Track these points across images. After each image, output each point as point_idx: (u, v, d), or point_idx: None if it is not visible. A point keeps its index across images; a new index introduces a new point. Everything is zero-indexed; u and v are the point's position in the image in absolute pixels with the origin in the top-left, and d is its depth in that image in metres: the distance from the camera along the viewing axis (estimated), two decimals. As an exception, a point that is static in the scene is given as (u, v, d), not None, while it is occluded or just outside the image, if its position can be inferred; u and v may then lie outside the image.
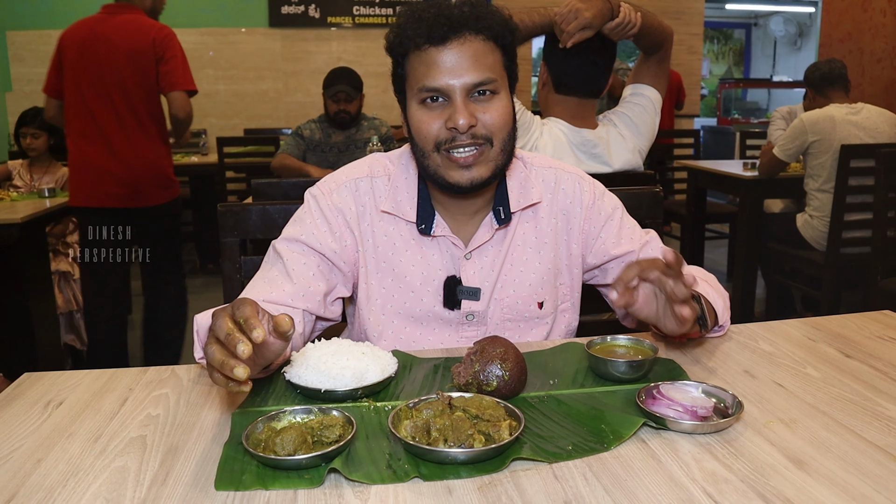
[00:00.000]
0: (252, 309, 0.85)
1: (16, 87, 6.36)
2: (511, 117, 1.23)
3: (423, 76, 1.18)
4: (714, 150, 8.54)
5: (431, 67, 1.17)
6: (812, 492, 0.78)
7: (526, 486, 0.80)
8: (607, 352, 1.12)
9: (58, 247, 3.51)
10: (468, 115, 1.16)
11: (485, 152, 1.19)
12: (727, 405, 0.96)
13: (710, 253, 5.74)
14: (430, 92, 1.18)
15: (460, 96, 1.17)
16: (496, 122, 1.19)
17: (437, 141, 1.19)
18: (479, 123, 1.18)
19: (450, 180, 1.21)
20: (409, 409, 0.92)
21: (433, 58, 1.17)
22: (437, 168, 1.21)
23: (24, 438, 0.93)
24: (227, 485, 0.80)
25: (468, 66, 1.16)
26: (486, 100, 1.19)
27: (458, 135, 1.17)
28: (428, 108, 1.20)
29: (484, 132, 1.18)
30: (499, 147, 1.21)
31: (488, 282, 1.30)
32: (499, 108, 1.19)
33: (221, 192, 5.02)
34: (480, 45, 1.18)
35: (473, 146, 1.18)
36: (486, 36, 1.18)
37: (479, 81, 1.17)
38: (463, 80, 1.16)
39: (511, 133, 1.23)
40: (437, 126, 1.19)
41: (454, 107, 1.17)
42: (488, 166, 1.20)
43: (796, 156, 3.56)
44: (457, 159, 1.18)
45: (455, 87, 1.16)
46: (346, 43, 6.79)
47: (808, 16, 11.32)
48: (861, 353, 1.19)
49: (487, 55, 1.18)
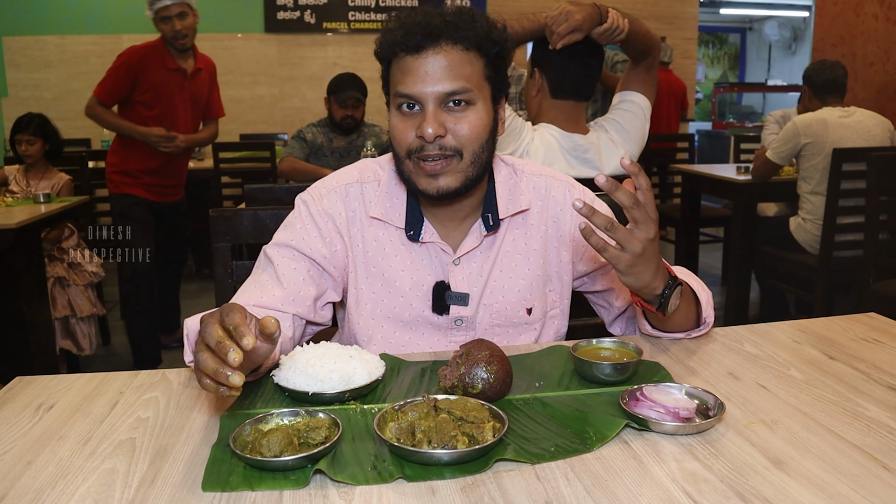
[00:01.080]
0: (241, 315, 0.86)
1: (12, 93, 6.37)
2: (487, 129, 1.22)
3: (398, 82, 1.19)
4: (709, 153, 8.57)
5: (407, 74, 1.18)
6: (790, 491, 0.79)
7: (508, 487, 0.81)
8: (592, 355, 1.14)
9: (53, 252, 3.52)
10: (437, 125, 1.16)
11: (452, 163, 1.19)
12: (710, 407, 0.97)
13: (705, 256, 5.76)
14: (403, 98, 1.19)
15: (432, 105, 1.17)
16: (467, 134, 1.19)
17: (408, 148, 1.20)
18: (450, 134, 1.18)
19: (419, 187, 1.22)
20: (394, 412, 0.94)
21: (409, 65, 1.18)
22: (409, 174, 1.23)
23: (15, 441, 0.94)
24: (215, 486, 0.82)
25: (442, 75, 1.16)
26: (460, 110, 1.18)
27: (426, 144, 1.17)
28: (403, 115, 1.21)
29: (453, 143, 1.18)
30: (469, 159, 1.20)
31: (477, 287, 1.32)
32: (472, 119, 1.19)
33: (217, 198, 5.03)
34: (458, 55, 1.17)
35: (440, 157, 1.18)
36: (464, 46, 1.18)
37: (452, 91, 1.17)
38: (435, 88, 1.16)
39: (485, 145, 1.22)
40: (409, 134, 1.19)
41: (424, 115, 1.17)
42: (456, 177, 1.20)
43: (789, 158, 3.57)
44: (424, 167, 1.19)
45: (427, 95, 1.17)
46: (342, 48, 6.81)
47: (802, 20, 11.37)
48: (845, 354, 1.21)
49: (465, 65, 1.18)
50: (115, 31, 6.37)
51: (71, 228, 3.66)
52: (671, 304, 1.16)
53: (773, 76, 11.70)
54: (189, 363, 1.11)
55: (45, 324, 3.26)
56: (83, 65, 6.35)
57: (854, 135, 3.43)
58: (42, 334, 3.20)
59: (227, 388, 0.83)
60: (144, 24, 6.37)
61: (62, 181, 3.75)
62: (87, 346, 3.57)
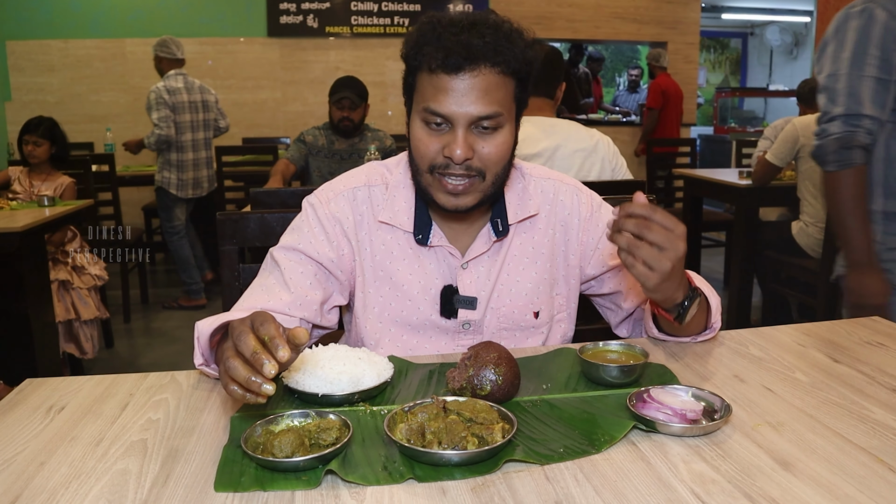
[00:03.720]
0: (276, 327, 0.85)
1: (15, 97, 6.39)
2: (510, 151, 1.22)
3: (430, 97, 1.17)
4: (710, 158, 8.57)
5: (440, 92, 1.15)
6: (797, 492, 0.80)
7: (518, 487, 0.82)
8: (599, 357, 1.14)
9: (57, 255, 3.53)
10: (466, 147, 1.16)
11: (475, 184, 1.20)
12: (716, 409, 0.98)
13: (707, 261, 5.76)
14: (433, 115, 1.17)
15: (462, 127, 1.16)
16: (492, 156, 1.19)
17: (432, 163, 1.20)
18: (476, 156, 1.18)
19: (437, 201, 1.22)
20: (404, 413, 0.94)
21: (443, 83, 1.15)
22: (427, 187, 1.23)
23: (27, 442, 0.95)
24: (227, 486, 0.82)
25: (476, 98, 1.15)
26: (488, 134, 1.18)
27: (453, 164, 1.17)
28: (429, 129, 1.19)
29: (478, 165, 1.18)
30: (490, 181, 1.21)
31: (484, 291, 1.32)
32: (499, 142, 1.19)
33: (220, 201, 5.04)
34: (494, 79, 1.15)
35: (465, 177, 1.19)
36: (501, 70, 1.16)
37: (485, 115, 1.15)
38: (468, 110, 1.15)
39: (506, 166, 1.23)
40: (434, 149, 1.19)
41: (454, 136, 1.16)
42: (476, 196, 1.21)
43: (788, 160, 3.59)
44: (446, 185, 1.19)
45: (459, 116, 1.15)
46: (345, 52, 6.83)
47: (803, 25, 11.39)
48: (849, 358, 1.21)
49: (500, 89, 1.16)
50: (118, 35, 6.39)
51: (74, 231, 3.67)
52: (689, 314, 1.17)
53: (775, 81, 11.72)
54: (199, 366, 1.11)
55: (50, 327, 3.27)
56: (86, 69, 6.37)
57: None
58: (46, 337, 3.21)
59: (255, 396, 0.84)
60: (147, 28, 6.44)
61: (65, 184, 3.76)
62: (90, 350, 3.57)
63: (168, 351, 4.04)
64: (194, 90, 4.67)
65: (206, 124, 4.78)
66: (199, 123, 4.72)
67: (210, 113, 4.79)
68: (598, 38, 7.56)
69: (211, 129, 4.84)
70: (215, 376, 1.12)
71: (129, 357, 3.98)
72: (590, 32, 7.41)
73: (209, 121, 4.80)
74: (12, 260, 2.96)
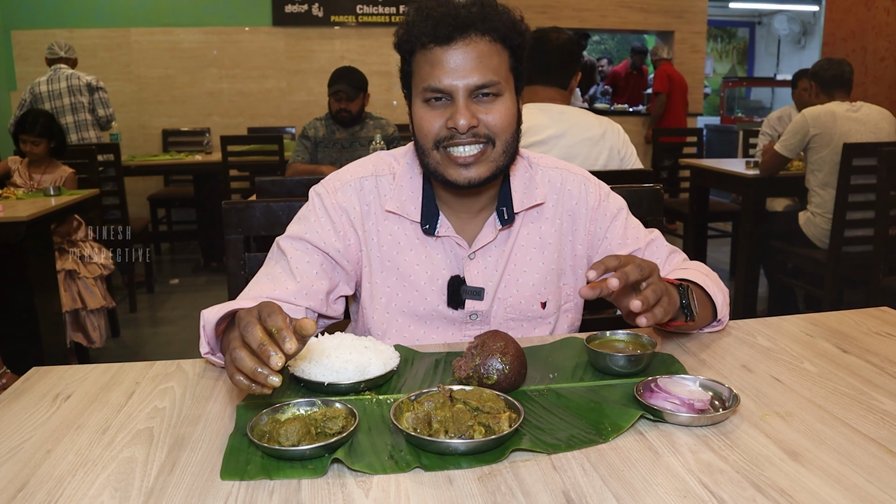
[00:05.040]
0: (283, 318, 0.85)
1: (20, 86, 6.37)
2: (514, 119, 1.23)
3: (427, 75, 1.18)
4: (718, 148, 8.54)
5: (436, 67, 1.17)
6: (806, 482, 0.79)
7: (525, 477, 0.81)
8: (606, 346, 1.14)
9: (63, 245, 3.53)
10: (469, 115, 1.17)
11: (486, 151, 1.20)
12: (724, 398, 0.97)
13: (713, 251, 5.74)
14: (433, 92, 1.18)
15: (463, 97, 1.17)
16: (498, 123, 1.19)
17: (436, 138, 1.20)
18: (481, 124, 1.18)
19: (448, 178, 1.22)
20: (410, 402, 0.94)
21: (438, 57, 1.17)
22: (436, 165, 1.22)
23: (34, 430, 0.95)
24: (233, 474, 0.82)
25: (472, 67, 1.16)
26: (489, 101, 1.19)
27: (458, 134, 1.18)
28: (430, 107, 1.20)
29: (486, 132, 1.19)
30: (501, 148, 1.21)
31: (492, 282, 1.32)
32: (501, 109, 1.19)
33: (225, 191, 5.04)
34: (486, 47, 1.17)
35: (475, 144, 1.19)
36: (492, 37, 1.18)
37: (483, 83, 1.17)
38: (466, 81, 1.16)
39: (514, 135, 1.23)
40: (438, 124, 1.19)
41: (456, 107, 1.17)
42: (488, 166, 1.21)
43: (797, 150, 3.57)
44: (456, 158, 1.19)
45: (458, 88, 1.17)
46: (350, 42, 6.80)
47: (811, 14, 11.32)
48: (858, 348, 1.21)
49: (493, 56, 1.18)
50: (123, 24, 6.38)
51: (79, 220, 3.67)
52: (693, 307, 1.16)
53: (782, 71, 11.65)
54: (205, 354, 1.11)
55: (56, 317, 3.28)
56: (91, 58, 6.35)
57: (862, 128, 3.42)
58: (53, 327, 3.21)
59: (260, 387, 0.84)
60: (152, 17, 6.42)
61: (65, 174, 3.75)
62: (98, 339, 3.58)
63: (174, 339, 4.05)
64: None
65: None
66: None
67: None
68: (604, 27, 7.53)
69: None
70: (221, 365, 1.12)
71: (135, 346, 4.00)
72: (597, 21, 7.36)
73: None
74: (18, 250, 2.97)
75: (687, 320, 1.16)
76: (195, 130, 6.58)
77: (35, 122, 3.64)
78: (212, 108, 6.68)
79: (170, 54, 6.52)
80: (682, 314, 1.15)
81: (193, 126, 6.63)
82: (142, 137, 6.50)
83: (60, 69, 4.98)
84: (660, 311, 1.03)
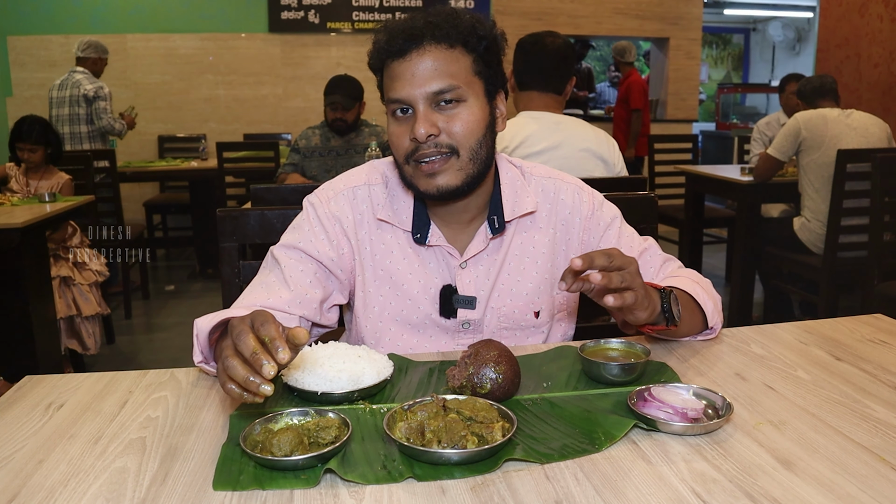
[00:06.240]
0: (276, 328, 0.84)
1: (16, 92, 6.38)
2: (482, 124, 1.21)
3: (389, 89, 1.21)
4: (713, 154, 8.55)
5: (395, 80, 1.19)
6: (799, 491, 0.79)
7: (518, 486, 0.81)
8: (600, 355, 1.14)
9: (58, 252, 3.52)
10: (428, 124, 1.17)
11: (449, 161, 1.20)
12: (717, 407, 0.97)
13: (709, 258, 5.75)
14: (396, 104, 1.20)
15: (422, 106, 1.18)
16: (461, 131, 1.19)
17: (406, 152, 1.21)
18: (443, 133, 1.18)
19: (420, 189, 1.22)
20: (403, 412, 0.94)
21: (396, 70, 1.19)
22: (410, 177, 1.23)
23: (26, 440, 0.95)
24: (225, 485, 0.82)
25: (428, 75, 1.17)
26: (451, 108, 1.19)
27: (420, 144, 1.18)
28: (398, 121, 1.22)
29: (448, 141, 1.19)
30: (466, 156, 1.20)
31: (484, 291, 1.32)
32: (465, 116, 1.19)
33: (221, 197, 5.03)
34: (442, 53, 1.18)
35: (437, 154, 1.19)
36: (448, 43, 1.18)
37: (440, 89, 1.17)
38: (423, 89, 1.17)
39: (482, 140, 1.22)
40: (405, 139, 1.20)
41: (415, 117, 1.18)
42: (456, 175, 1.20)
43: (790, 153, 3.59)
44: (423, 168, 1.20)
45: (416, 97, 1.18)
46: (346, 48, 6.81)
47: (806, 21, 11.36)
48: (851, 356, 1.21)
49: (450, 63, 1.18)
50: (119, 30, 6.38)
51: (74, 227, 3.67)
52: (675, 311, 1.16)
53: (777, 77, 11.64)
54: (198, 363, 1.11)
55: (51, 323, 3.27)
56: (87, 64, 6.36)
57: (852, 133, 3.46)
58: (47, 334, 3.20)
59: (252, 396, 0.83)
60: (148, 23, 6.43)
61: (62, 181, 3.75)
62: (93, 346, 3.57)
63: (170, 346, 4.04)
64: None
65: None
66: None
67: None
68: (600, 33, 7.54)
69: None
70: (215, 374, 1.12)
71: (130, 353, 3.98)
72: (592, 28, 7.38)
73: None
74: (13, 256, 2.96)
75: (668, 325, 1.16)
76: (191, 137, 6.57)
77: (31, 129, 3.63)
78: (208, 114, 6.68)
79: (166, 60, 6.52)
80: (664, 318, 1.15)
81: (189, 132, 6.62)
82: (137, 144, 6.49)
83: (74, 73, 4.88)
84: (630, 295, 1.04)
